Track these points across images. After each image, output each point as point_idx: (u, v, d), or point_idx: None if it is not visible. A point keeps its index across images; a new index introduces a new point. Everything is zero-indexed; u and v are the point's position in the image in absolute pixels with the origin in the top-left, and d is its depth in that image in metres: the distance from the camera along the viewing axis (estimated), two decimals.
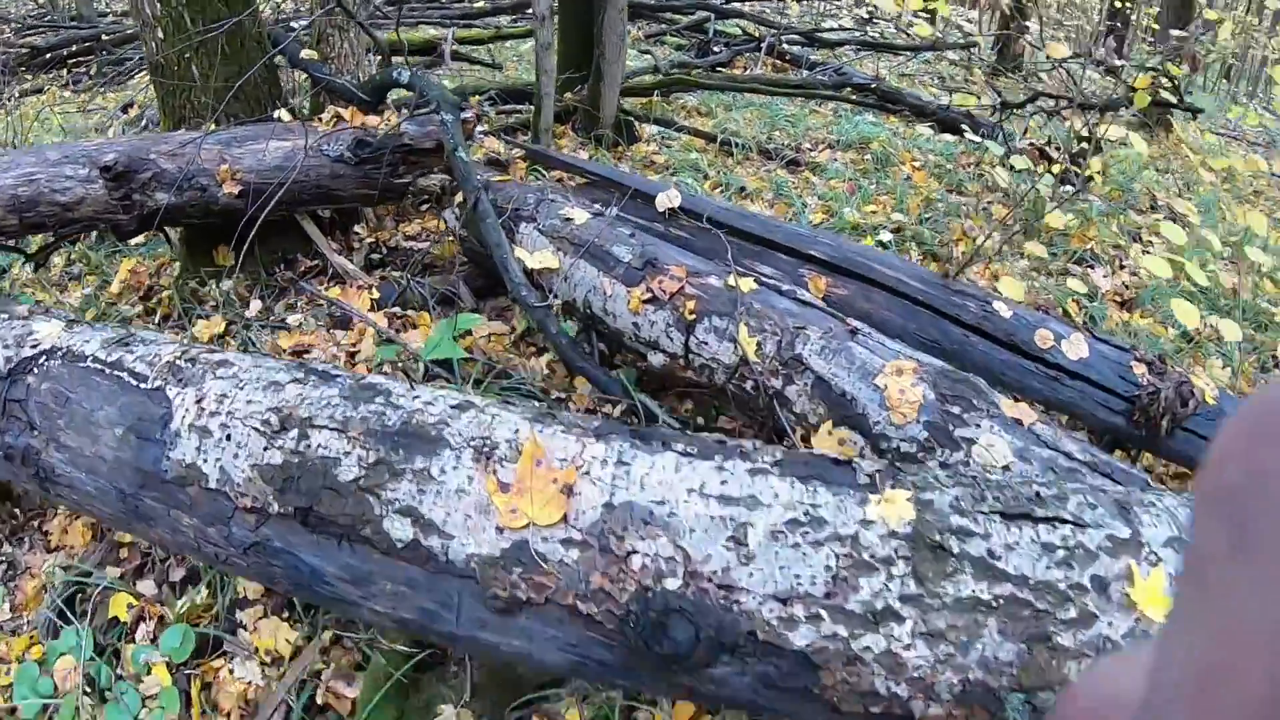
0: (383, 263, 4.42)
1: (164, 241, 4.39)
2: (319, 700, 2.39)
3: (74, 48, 9.82)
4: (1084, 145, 5.59)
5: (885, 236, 5.15)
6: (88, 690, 2.47)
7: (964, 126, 6.55)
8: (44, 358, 2.18)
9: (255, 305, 3.91)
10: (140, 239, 4.42)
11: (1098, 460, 2.49)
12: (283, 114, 3.73)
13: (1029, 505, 1.64)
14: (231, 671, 2.48)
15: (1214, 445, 0.29)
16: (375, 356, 3.57)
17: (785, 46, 9.18)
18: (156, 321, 3.97)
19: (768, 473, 1.67)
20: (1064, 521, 1.62)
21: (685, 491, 1.62)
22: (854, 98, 7.64)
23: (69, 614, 2.74)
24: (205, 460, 1.87)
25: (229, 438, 1.86)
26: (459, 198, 3.81)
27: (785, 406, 2.68)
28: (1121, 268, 5.34)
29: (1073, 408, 3.13)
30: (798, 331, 2.67)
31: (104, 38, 9.90)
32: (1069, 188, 5.44)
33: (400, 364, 3.56)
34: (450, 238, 4.24)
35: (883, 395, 2.52)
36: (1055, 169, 5.40)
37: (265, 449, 1.81)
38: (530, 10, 6.18)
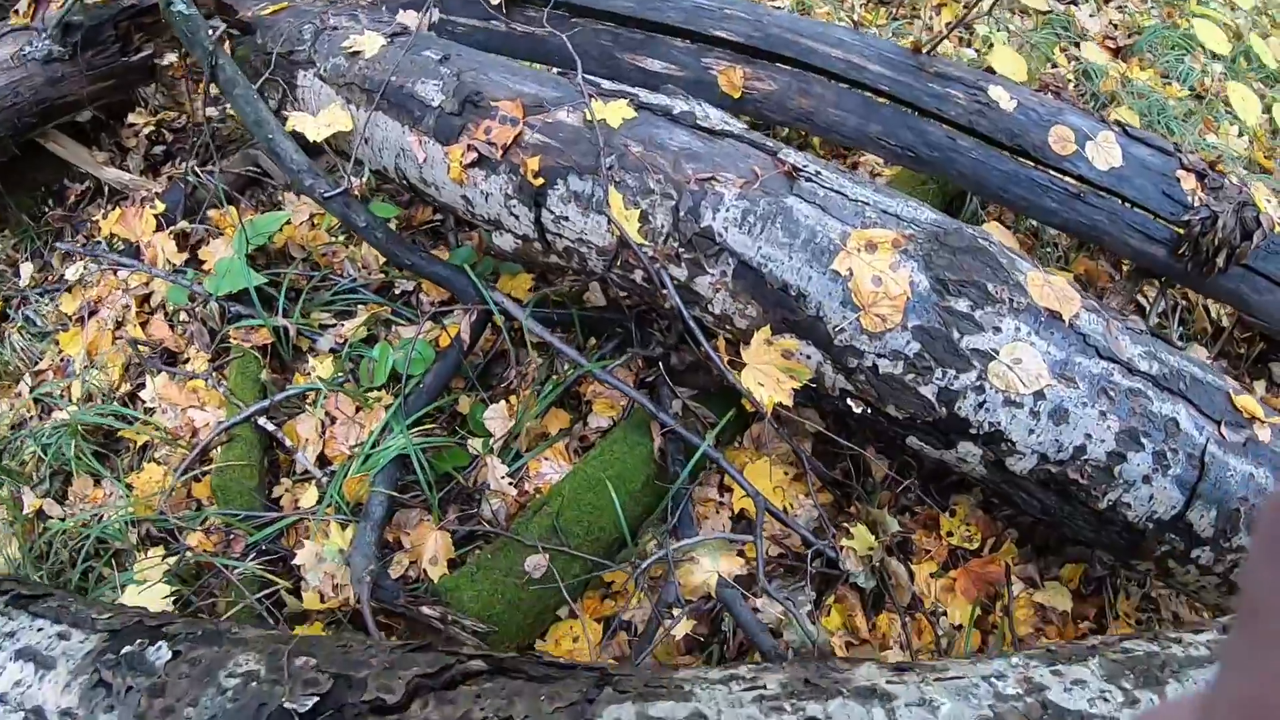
0: (170, 153, 3.11)
1: None
2: None
3: None
4: None
5: None
6: None
7: None
8: None
9: (27, 270, 2.90)
10: None
11: (1166, 369, 1.52)
12: None
13: None
14: None
15: (1276, 493, 0.28)
16: (169, 300, 2.46)
17: None
18: None
19: None
20: None
21: None
22: None
23: None
24: None
25: None
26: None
27: (697, 304, 1.63)
28: (1107, 2, 4.13)
29: (1099, 234, 2.12)
30: (704, 188, 1.57)
31: None
32: None
33: (196, 309, 2.43)
34: None
35: (846, 286, 1.48)
36: None
37: None
38: None
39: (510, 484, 1.91)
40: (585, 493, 1.76)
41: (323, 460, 2.16)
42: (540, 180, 1.72)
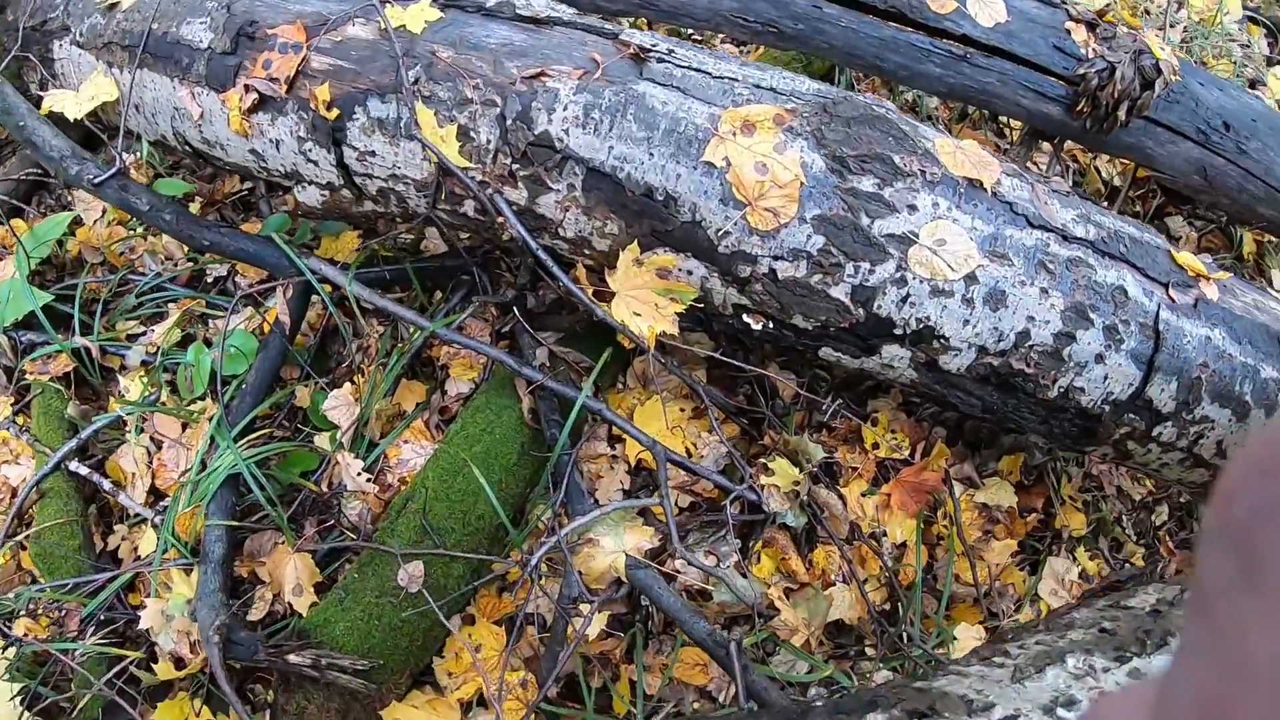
0: None
1: None
2: None
3: None
4: None
5: None
6: None
7: None
8: None
9: None
10: None
11: (1103, 231, 1.26)
12: None
13: None
14: None
15: (1222, 478, 0.26)
16: None
17: None
18: None
19: None
20: None
21: None
22: None
23: None
24: None
25: None
26: None
27: (546, 230, 1.27)
28: None
29: (989, 98, 1.85)
30: (533, 86, 1.21)
31: None
32: None
33: None
34: None
35: (724, 180, 1.14)
36: None
37: None
38: None
39: (369, 480, 1.54)
40: (452, 478, 1.41)
41: (158, 494, 1.75)
42: (335, 112, 1.33)
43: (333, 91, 1.33)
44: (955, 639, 1.62)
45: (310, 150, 1.39)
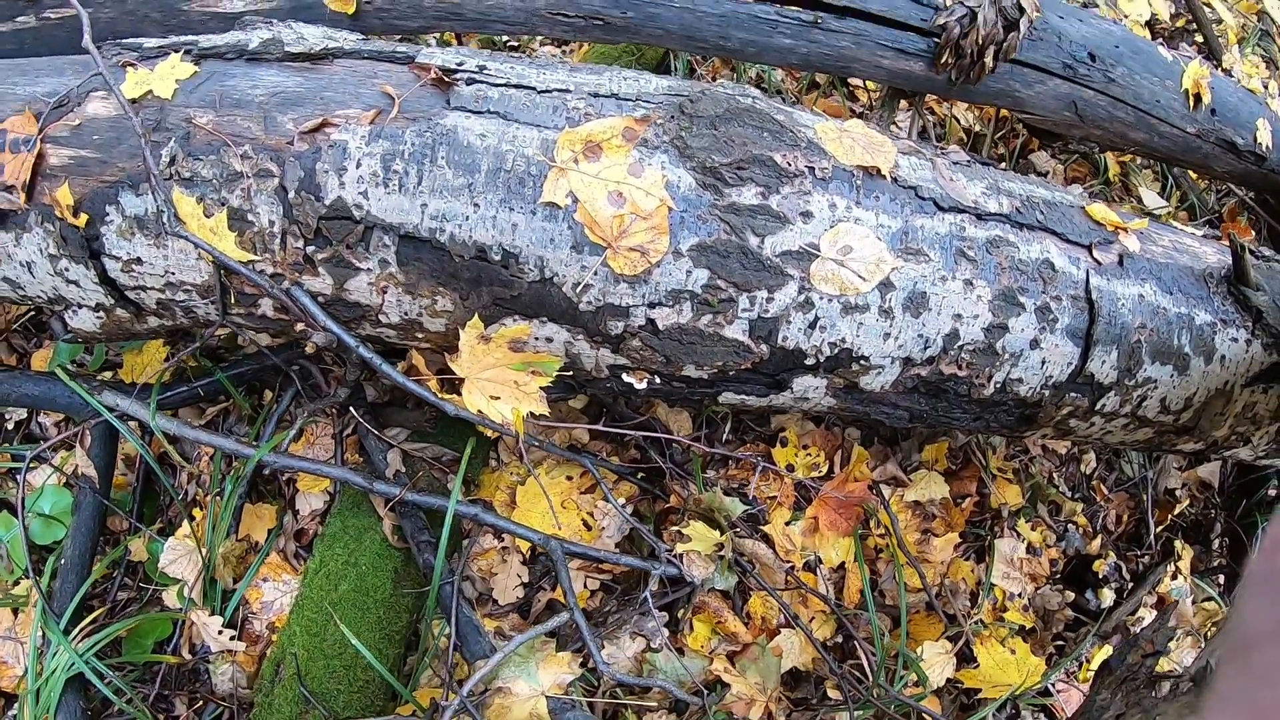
0: None
1: None
2: None
3: None
4: None
5: None
6: None
7: None
8: None
9: None
10: None
11: (1015, 199, 1.06)
12: None
13: None
14: None
15: (1271, 528, 0.25)
16: None
17: None
18: None
19: None
20: None
21: None
22: None
23: None
24: None
25: None
26: None
27: (365, 319, 0.96)
28: None
29: (846, 63, 1.63)
30: (315, 142, 0.90)
31: None
32: None
33: None
34: None
35: (574, 220, 0.86)
36: None
37: None
38: None
39: (233, 637, 1.21)
40: (323, 630, 1.09)
41: (9, 699, 1.38)
42: (83, 217, 0.98)
43: (77, 191, 0.98)
44: (922, 660, 1.41)
45: (67, 269, 1.03)
